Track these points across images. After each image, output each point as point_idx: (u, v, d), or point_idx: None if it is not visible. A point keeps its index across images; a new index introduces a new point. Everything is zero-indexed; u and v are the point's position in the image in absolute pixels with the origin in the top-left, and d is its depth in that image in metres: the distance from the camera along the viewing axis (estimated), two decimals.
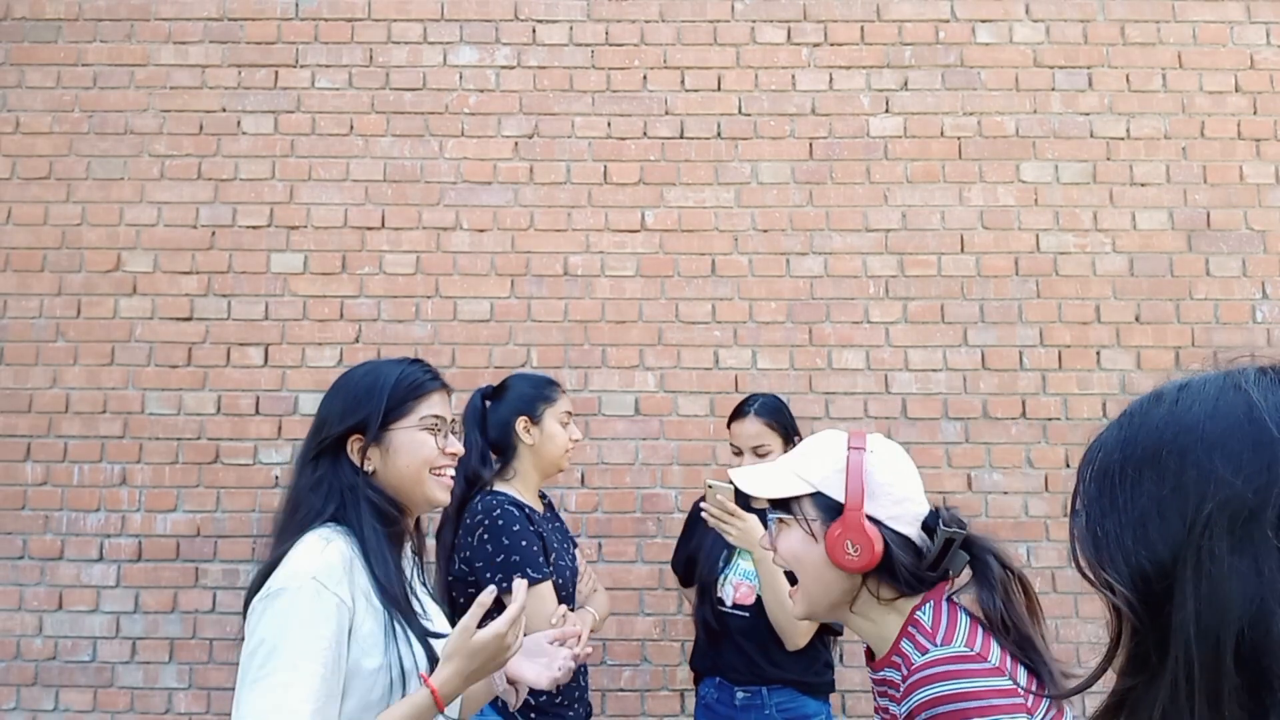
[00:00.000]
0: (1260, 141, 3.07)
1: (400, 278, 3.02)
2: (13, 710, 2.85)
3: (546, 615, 1.89)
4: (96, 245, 3.03)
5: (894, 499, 1.17)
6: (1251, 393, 0.54)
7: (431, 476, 1.42)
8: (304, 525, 1.34)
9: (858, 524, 1.14)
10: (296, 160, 3.06)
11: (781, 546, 1.23)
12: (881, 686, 1.20)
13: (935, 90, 3.09)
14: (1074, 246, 3.03)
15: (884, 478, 1.17)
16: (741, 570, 2.25)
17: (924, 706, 1.03)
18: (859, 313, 3.01)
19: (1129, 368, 2.99)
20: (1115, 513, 0.56)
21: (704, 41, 3.10)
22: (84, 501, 2.94)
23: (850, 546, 1.14)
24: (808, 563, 1.19)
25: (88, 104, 3.08)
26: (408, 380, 1.42)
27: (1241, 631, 0.48)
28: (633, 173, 3.06)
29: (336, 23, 3.11)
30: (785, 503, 1.22)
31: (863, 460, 1.17)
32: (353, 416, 1.39)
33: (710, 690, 2.27)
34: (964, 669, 1.03)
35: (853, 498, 1.15)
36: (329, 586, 1.24)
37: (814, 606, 1.22)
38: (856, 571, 1.15)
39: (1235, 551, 0.50)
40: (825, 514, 1.17)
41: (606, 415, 2.97)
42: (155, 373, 2.99)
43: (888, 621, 1.18)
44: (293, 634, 1.20)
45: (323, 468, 1.38)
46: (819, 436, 1.26)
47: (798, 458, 1.25)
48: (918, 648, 1.10)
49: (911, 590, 1.17)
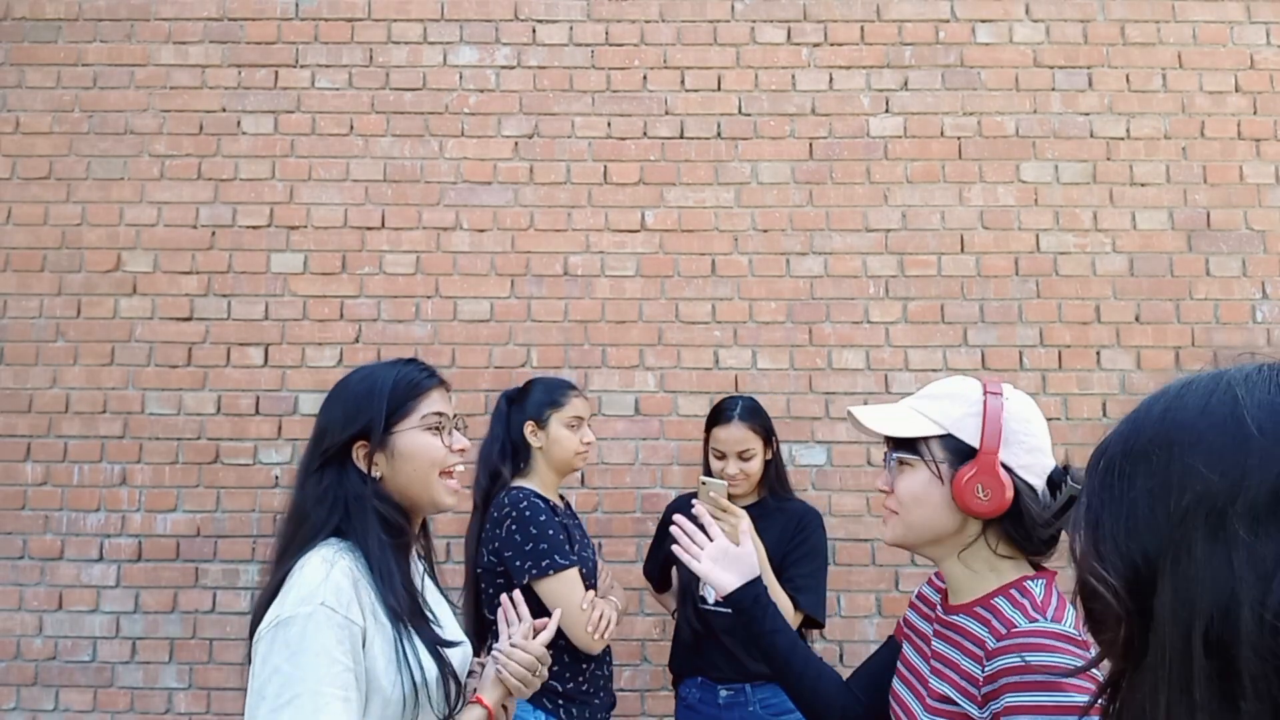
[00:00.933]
0: (1260, 141, 3.07)
1: (400, 278, 3.02)
2: (13, 710, 2.85)
3: (576, 600, 1.96)
4: (96, 245, 3.03)
5: (1027, 448, 1.16)
6: (1238, 390, 0.55)
7: (440, 480, 1.41)
8: (309, 539, 1.31)
9: (992, 468, 1.13)
10: (296, 160, 3.06)
11: (901, 486, 1.21)
12: (947, 629, 1.19)
13: (935, 90, 3.09)
14: (1074, 246, 3.03)
15: (1019, 426, 1.17)
16: None
17: (1018, 670, 1.02)
18: (859, 313, 3.01)
19: (1129, 368, 2.99)
20: (1112, 505, 0.58)
21: (704, 41, 3.10)
22: (84, 501, 2.94)
23: (980, 490, 1.13)
24: (929, 504, 1.18)
25: (88, 104, 3.08)
26: (406, 380, 1.41)
27: (1211, 620, 0.50)
28: (633, 173, 3.06)
29: (336, 23, 3.11)
30: (910, 444, 1.21)
31: (1000, 406, 1.16)
32: (355, 423, 1.37)
33: (692, 690, 2.28)
34: (1068, 648, 1.02)
35: (989, 441, 1.14)
36: (339, 610, 1.22)
37: (915, 537, 1.21)
38: (982, 516, 1.15)
39: (1209, 544, 0.51)
40: (955, 456, 1.17)
41: (606, 415, 2.97)
42: (155, 373, 2.99)
43: (989, 577, 1.17)
44: (308, 662, 1.18)
45: (328, 478, 1.36)
46: (950, 381, 1.25)
47: (926, 400, 1.24)
48: (1024, 614, 1.09)
49: (1029, 546, 1.16)
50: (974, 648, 1.12)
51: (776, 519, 2.28)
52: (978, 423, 1.16)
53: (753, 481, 2.28)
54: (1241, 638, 0.49)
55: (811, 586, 2.21)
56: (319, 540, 1.31)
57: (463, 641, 1.41)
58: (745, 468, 2.25)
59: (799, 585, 2.19)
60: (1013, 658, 1.03)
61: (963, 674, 1.12)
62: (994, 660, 1.06)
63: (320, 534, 1.32)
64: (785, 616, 2.11)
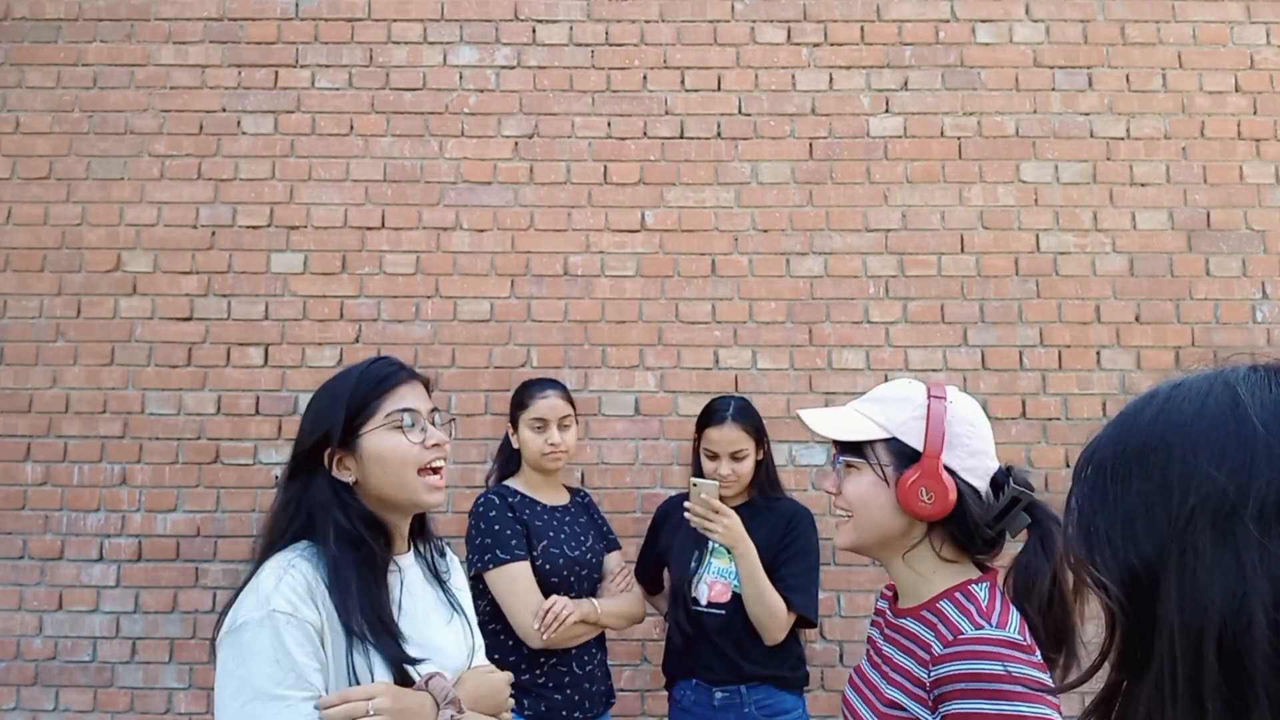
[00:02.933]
0: (1260, 141, 3.07)
1: (400, 278, 3.02)
2: (13, 710, 2.85)
3: (518, 592, 2.08)
4: (96, 245, 3.03)
5: (970, 450, 1.18)
6: (1239, 389, 0.54)
7: (419, 478, 1.34)
8: (271, 547, 1.30)
9: (935, 471, 1.15)
10: (296, 160, 3.06)
11: (848, 489, 1.23)
12: (895, 633, 1.20)
13: (935, 90, 3.09)
14: (1074, 246, 3.03)
15: (962, 429, 1.18)
16: (716, 569, 2.26)
17: (964, 678, 1.04)
18: (859, 313, 3.01)
19: (1129, 368, 2.99)
20: (1106, 510, 0.56)
21: (704, 41, 3.10)
22: (84, 501, 2.94)
23: (924, 494, 1.15)
24: (874, 506, 1.20)
25: (88, 104, 3.08)
26: (369, 379, 1.35)
27: (1223, 626, 0.49)
28: (633, 173, 3.06)
29: (336, 23, 3.11)
30: (857, 447, 1.22)
31: (944, 409, 1.17)
32: (320, 428, 1.33)
33: (686, 693, 2.27)
34: (1014, 655, 1.04)
35: (932, 445, 1.16)
36: (296, 614, 1.20)
37: (864, 540, 1.23)
38: (926, 518, 1.17)
39: (1217, 546, 0.50)
40: (899, 460, 1.18)
41: (606, 415, 2.97)
42: (155, 373, 2.99)
43: (934, 579, 1.19)
44: (261, 668, 1.17)
45: (295, 486, 1.33)
46: (896, 384, 1.27)
47: (872, 403, 1.25)
48: (969, 620, 1.10)
49: (972, 547, 1.18)
50: (920, 651, 1.13)
51: (766, 518, 2.28)
52: (921, 426, 1.17)
53: (744, 482, 2.29)
54: (1255, 644, 0.47)
55: (803, 586, 2.22)
56: (283, 546, 1.29)
57: (428, 659, 1.33)
58: (737, 468, 2.26)
59: (791, 585, 2.20)
60: (960, 664, 1.05)
61: (911, 678, 1.13)
62: (941, 666, 1.07)
63: (282, 541, 1.30)
64: (777, 613, 2.13)
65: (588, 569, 2.25)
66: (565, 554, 2.20)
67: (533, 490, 2.29)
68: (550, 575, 2.15)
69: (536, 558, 2.15)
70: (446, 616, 1.45)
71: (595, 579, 2.28)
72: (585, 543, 2.28)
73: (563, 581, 2.17)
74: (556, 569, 2.16)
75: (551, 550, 2.18)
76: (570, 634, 2.10)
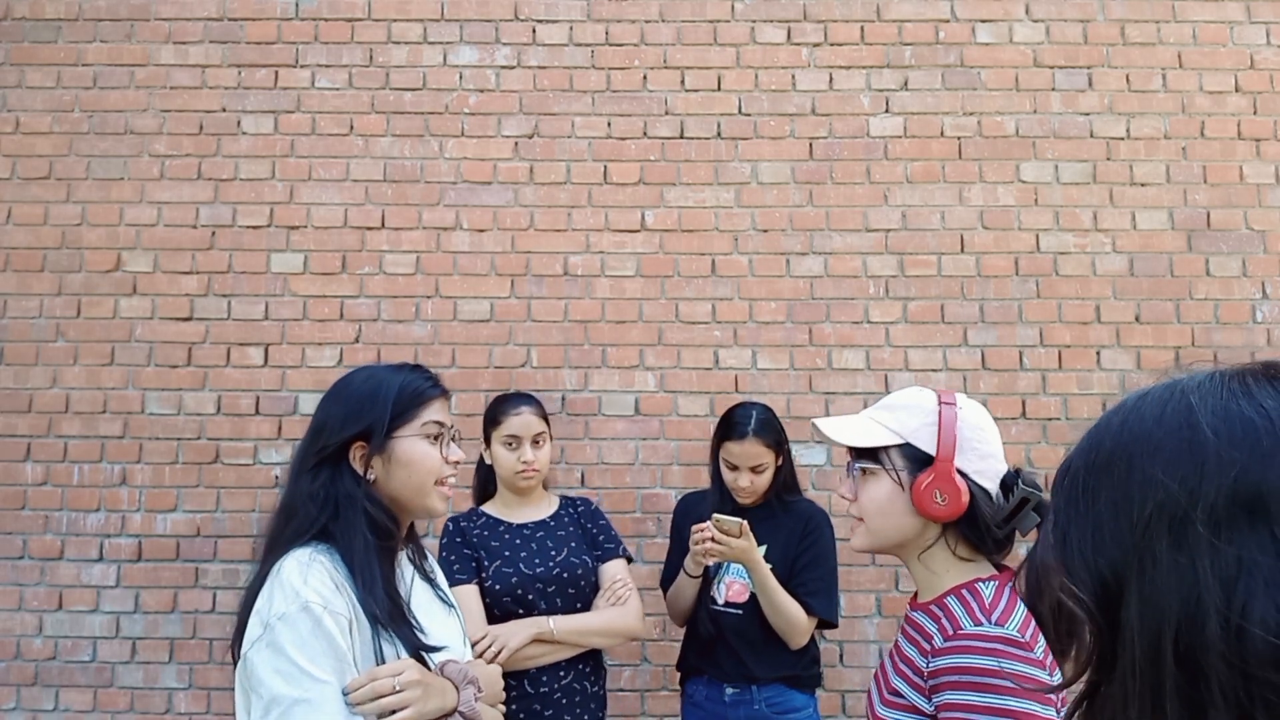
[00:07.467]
0: (1260, 141, 3.07)
1: (400, 278, 3.02)
2: (13, 710, 2.85)
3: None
4: (96, 245, 3.03)
5: (980, 454, 1.23)
6: (1192, 398, 0.55)
7: (435, 488, 1.42)
8: (296, 535, 1.32)
9: (948, 474, 1.20)
10: (296, 160, 3.06)
11: (865, 494, 1.28)
12: (909, 625, 1.26)
13: (935, 90, 3.09)
14: (1074, 246, 3.03)
15: (972, 434, 1.23)
16: (734, 569, 2.26)
17: (955, 671, 1.09)
18: (859, 313, 3.01)
19: (1129, 368, 2.99)
20: (1078, 519, 0.58)
21: (704, 41, 3.10)
22: (84, 501, 2.94)
23: (938, 496, 1.20)
24: (890, 510, 1.25)
25: (88, 104, 3.08)
26: (411, 388, 1.42)
27: (1179, 628, 0.50)
28: (633, 173, 3.06)
29: (336, 23, 3.11)
30: (872, 453, 1.27)
31: (955, 415, 1.23)
32: (356, 424, 1.37)
33: (699, 688, 2.28)
34: (1009, 651, 1.08)
35: (944, 450, 1.21)
36: (329, 606, 1.24)
37: (878, 542, 1.28)
38: (940, 520, 1.21)
39: (1173, 551, 0.51)
40: (913, 465, 1.23)
41: (606, 415, 2.97)
42: (155, 373, 2.99)
43: (947, 577, 1.23)
44: (315, 657, 1.20)
45: (322, 476, 1.36)
46: (907, 392, 1.32)
47: (885, 410, 1.30)
48: (970, 615, 1.15)
49: (985, 548, 1.23)
50: (924, 642, 1.18)
51: (784, 521, 2.28)
52: (934, 431, 1.23)
53: (761, 491, 2.28)
54: (1209, 644, 0.49)
55: (823, 590, 2.24)
56: (305, 537, 1.32)
57: (446, 646, 1.39)
58: (756, 481, 2.25)
59: (812, 589, 2.21)
60: (955, 658, 1.10)
61: (914, 668, 1.18)
62: (938, 658, 1.13)
63: (308, 531, 1.32)
64: (797, 623, 2.14)
65: (557, 585, 2.14)
66: (520, 572, 2.12)
67: (506, 509, 2.23)
68: (502, 595, 2.09)
69: (486, 579, 2.10)
70: (444, 612, 1.50)
71: (573, 593, 2.16)
72: (557, 557, 2.18)
73: (518, 600, 2.10)
74: (509, 588, 2.09)
75: (504, 570, 2.12)
76: (524, 655, 2.03)
